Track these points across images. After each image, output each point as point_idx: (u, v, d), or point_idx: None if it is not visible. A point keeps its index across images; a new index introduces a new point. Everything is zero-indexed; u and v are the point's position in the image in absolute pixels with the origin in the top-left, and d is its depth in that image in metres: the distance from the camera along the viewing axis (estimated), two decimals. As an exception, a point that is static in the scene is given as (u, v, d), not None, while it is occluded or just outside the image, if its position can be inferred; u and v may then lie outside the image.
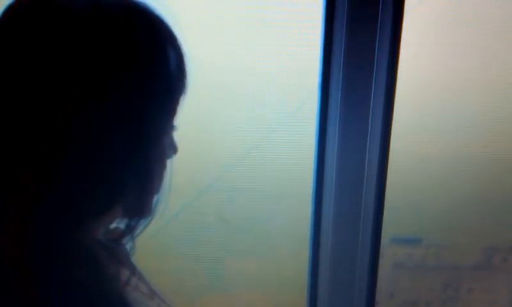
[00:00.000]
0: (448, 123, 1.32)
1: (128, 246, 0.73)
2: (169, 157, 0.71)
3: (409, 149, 1.31)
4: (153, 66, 0.62)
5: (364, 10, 1.11)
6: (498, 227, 1.49)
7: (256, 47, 1.19)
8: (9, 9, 0.61)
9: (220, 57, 1.18)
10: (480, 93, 1.31)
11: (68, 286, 0.58)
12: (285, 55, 1.20)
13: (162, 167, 0.70)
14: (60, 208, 0.59)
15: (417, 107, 1.29)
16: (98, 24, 0.59)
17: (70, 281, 0.59)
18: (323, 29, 1.14)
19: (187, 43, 0.65)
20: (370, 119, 1.18)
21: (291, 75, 1.22)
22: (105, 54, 0.59)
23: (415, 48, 1.19)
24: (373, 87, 1.16)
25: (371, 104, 1.17)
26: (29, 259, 0.57)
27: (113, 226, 0.72)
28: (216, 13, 1.16)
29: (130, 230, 0.69)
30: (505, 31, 1.25)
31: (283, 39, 1.18)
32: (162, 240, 1.24)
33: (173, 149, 0.71)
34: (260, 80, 1.22)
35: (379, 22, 1.12)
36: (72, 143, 0.58)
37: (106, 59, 0.59)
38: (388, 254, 1.44)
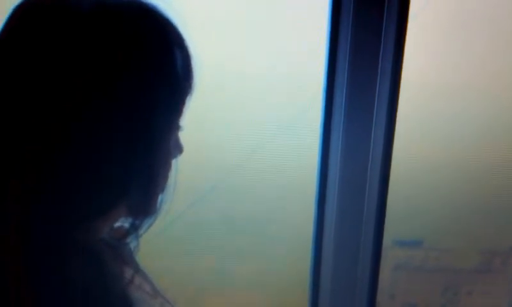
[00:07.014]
0: (450, 127, 1.33)
1: (132, 245, 0.73)
2: (175, 156, 0.71)
3: (411, 153, 1.31)
4: (160, 67, 0.62)
5: (369, 14, 1.11)
6: (498, 230, 1.49)
7: (261, 51, 1.19)
8: (18, 10, 0.62)
9: (225, 60, 1.18)
10: (483, 98, 1.31)
11: (71, 285, 0.59)
12: (290, 58, 1.20)
13: (167, 166, 0.70)
14: (63, 206, 0.60)
15: (419, 112, 1.29)
16: (105, 24, 0.60)
17: (73, 280, 0.59)
18: (328, 32, 1.14)
19: (193, 45, 0.66)
20: (373, 123, 1.18)
21: (296, 79, 1.22)
22: (112, 54, 0.59)
23: (418, 53, 1.19)
24: (377, 91, 1.16)
25: (375, 108, 1.17)
26: (29, 259, 0.57)
27: (118, 225, 0.72)
28: (221, 15, 1.16)
29: (134, 229, 0.69)
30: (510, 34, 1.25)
31: (288, 43, 1.19)
32: (166, 239, 1.24)
33: (179, 149, 0.71)
34: (265, 83, 1.22)
35: (383, 26, 1.12)
36: (75, 142, 0.59)
37: (113, 59, 0.59)
38: (390, 256, 1.44)
